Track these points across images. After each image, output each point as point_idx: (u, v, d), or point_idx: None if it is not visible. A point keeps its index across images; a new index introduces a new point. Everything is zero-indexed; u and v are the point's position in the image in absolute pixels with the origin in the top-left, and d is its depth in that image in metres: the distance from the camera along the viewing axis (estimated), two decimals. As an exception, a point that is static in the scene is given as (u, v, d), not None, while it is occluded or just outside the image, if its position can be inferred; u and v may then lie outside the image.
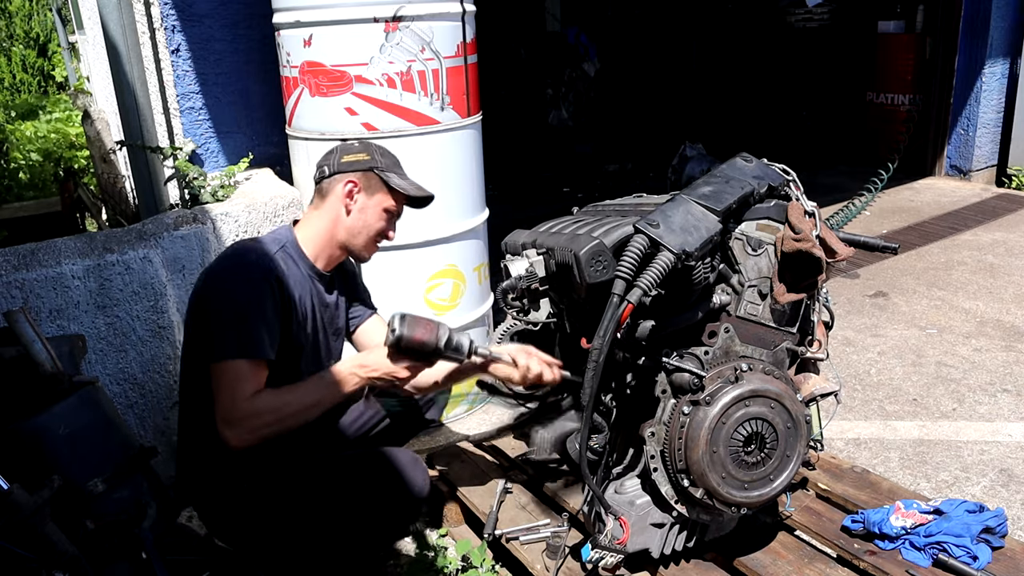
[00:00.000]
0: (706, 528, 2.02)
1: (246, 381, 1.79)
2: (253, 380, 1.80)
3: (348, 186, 1.98)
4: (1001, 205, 5.78)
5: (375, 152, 2.03)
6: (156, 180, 2.78)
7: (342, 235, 2.01)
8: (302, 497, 1.93)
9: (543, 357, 1.98)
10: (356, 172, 1.99)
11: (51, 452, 1.75)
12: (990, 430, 2.97)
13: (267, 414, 1.80)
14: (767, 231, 1.91)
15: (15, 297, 2.31)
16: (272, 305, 1.84)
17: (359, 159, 2.01)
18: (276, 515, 1.93)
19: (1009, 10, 6.03)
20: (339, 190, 1.99)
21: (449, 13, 2.68)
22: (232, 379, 1.78)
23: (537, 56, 7.92)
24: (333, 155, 2.03)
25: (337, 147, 2.06)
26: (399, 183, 2.02)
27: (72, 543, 1.58)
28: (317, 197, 2.04)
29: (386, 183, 2.01)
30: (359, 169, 2.00)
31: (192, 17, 2.96)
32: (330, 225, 2.01)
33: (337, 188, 1.99)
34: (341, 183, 1.99)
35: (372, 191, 2.01)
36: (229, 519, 1.97)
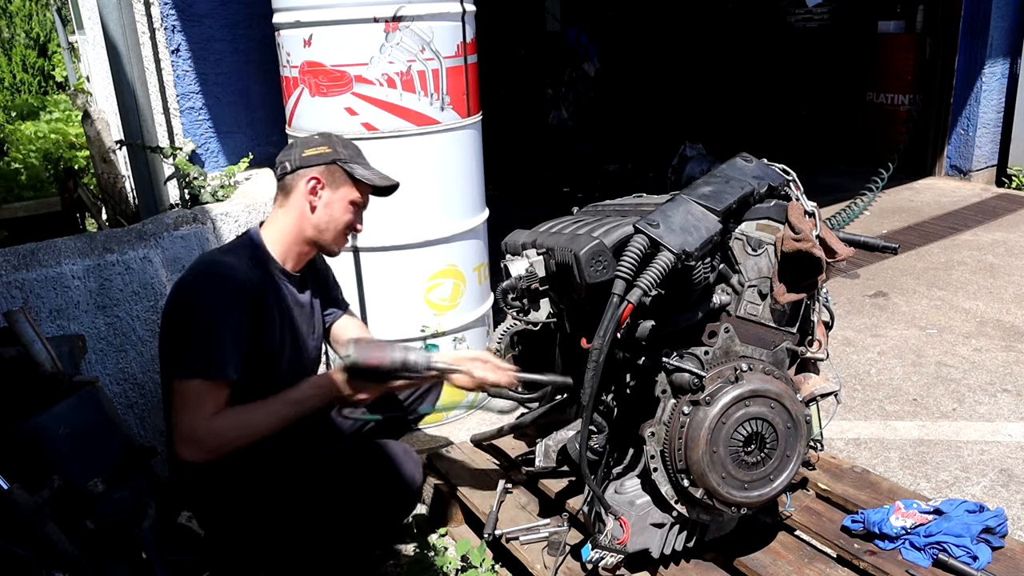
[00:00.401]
0: (706, 528, 2.02)
1: (205, 401, 1.78)
2: (212, 401, 1.78)
3: (311, 182, 1.95)
4: (1001, 205, 5.78)
5: (336, 144, 2.00)
6: (156, 180, 2.78)
7: (309, 232, 1.99)
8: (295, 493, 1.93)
9: (496, 363, 2.00)
10: (318, 166, 1.95)
11: (51, 452, 1.75)
12: (990, 430, 2.97)
13: (226, 433, 1.80)
14: (767, 231, 1.91)
15: (15, 297, 2.31)
16: (239, 319, 1.82)
17: (320, 152, 1.96)
18: (270, 512, 1.93)
19: (1009, 10, 6.03)
20: (302, 187, 1.95)
21: (449, 13, 2.68)
22: (192, 399, 1.77)
23: (537, 56, 7.92)
24: (293, 150, 1.99)
25: (296, 141, 2.02)
26: (363, 174, 1.99)
27: (72, 543, 1.58)
28: (281, 195, 2.00)
29: (350, 175, 1.97)
30: (321, 163, 1.96)
31: (192, 17, 2.96)
32: (296, 223, 1.98)
33: (300, 184, 1.95)
34: (304, 179, 1.95)
35: (336, 185, 1.97)
36: (224, 519, 1.97)
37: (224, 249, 1.99)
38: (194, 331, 1.80)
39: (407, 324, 2.87)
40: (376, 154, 2.70)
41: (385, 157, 2.71)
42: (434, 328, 2.90)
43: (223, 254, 1.94)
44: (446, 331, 2.94)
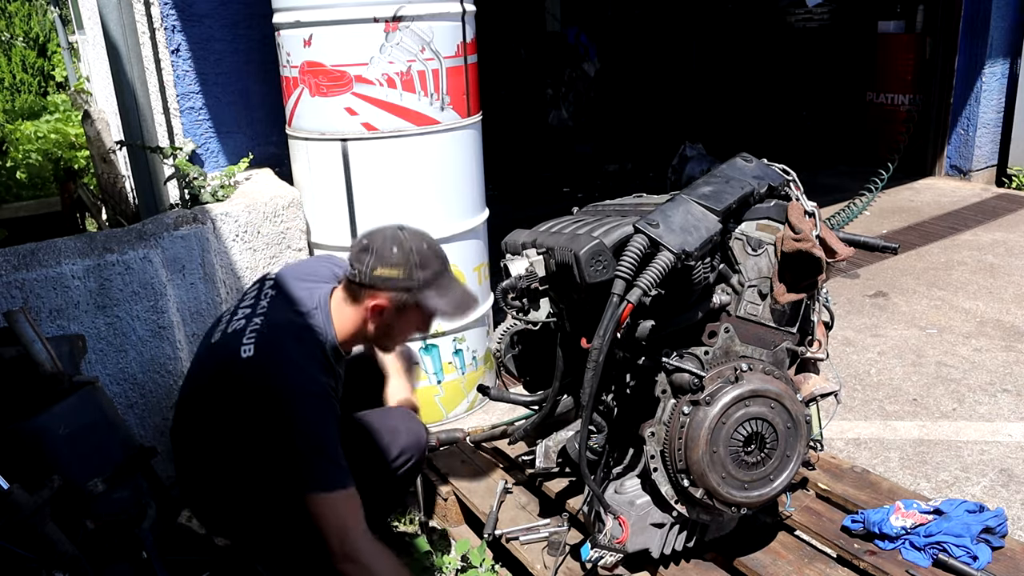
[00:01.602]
0: (706, 528, 2.02)
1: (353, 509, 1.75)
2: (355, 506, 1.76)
3: (376, 309, 1.84)
4: (1001, 205, 5.78)
5: (412, 265, 1.80)
6: (156, 180, 2.78)
7: (369, 338, 1.93)
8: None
9: None
10: (387, 292, 1.81)
11: (51, 452, 1.75)
12: (990, 430, 2.97)
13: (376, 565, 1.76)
14: (767, 231, 1.91)
15: (15, 297, 2.31)
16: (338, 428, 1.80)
17: (393, 276, 1.79)
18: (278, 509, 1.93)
19: (1009, 10, 6.03)
20: (367, 303, 1.84)
21: (449, 13, 2.68)
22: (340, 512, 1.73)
23: (537, 56, 7.92)
24: (366, 258, 1.81)
25: (373, 246, 1.82)
26: (436, 304, 1.84)
27: (72, 543, 1.59)
28: (348, 293, 1.88)
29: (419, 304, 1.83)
30: (391, 289, 1.81)
31: (192, 17, 2.96)
32: (358, 328, 1.89)
33: (366, 301, 1.84)
34: (371, 300, 1.83)
35: (404, 311, 1.84)
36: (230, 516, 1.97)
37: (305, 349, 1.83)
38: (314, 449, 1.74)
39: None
40: (376, 154, 2.71)
41: (385, 157, 2.72)
42: (434, 328, 2.90)
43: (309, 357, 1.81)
44: (446, 331, 2.94)
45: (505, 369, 2.44)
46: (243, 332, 1.86)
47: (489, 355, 3.16)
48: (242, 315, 1.93)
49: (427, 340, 2.91)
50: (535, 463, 2.27)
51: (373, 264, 1.80)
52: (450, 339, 2.97)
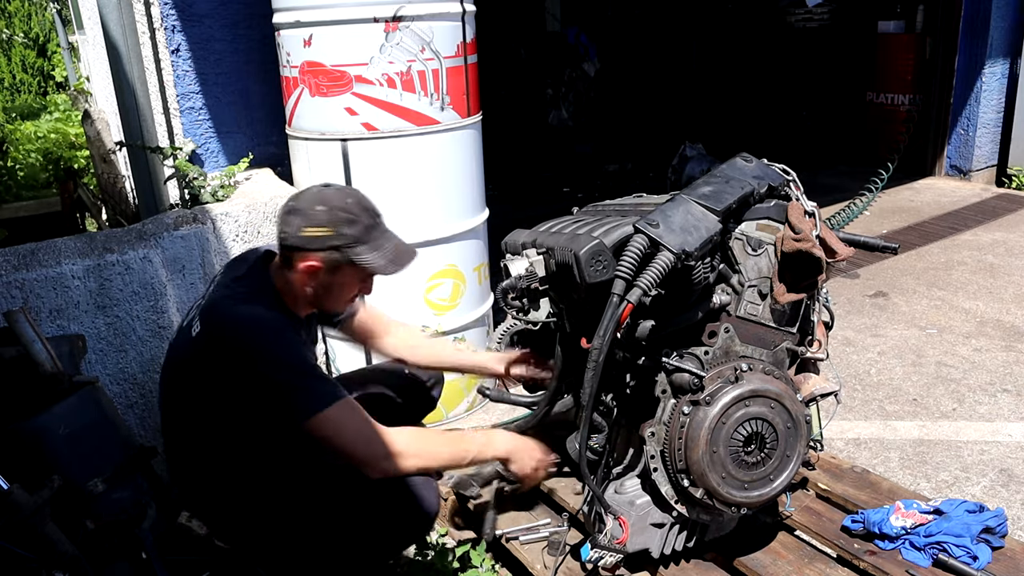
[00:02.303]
0: (706, 528, 2.02)
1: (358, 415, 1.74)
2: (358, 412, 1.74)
3: (307, 270, 1.79)
4: (1001, 205, 5.78)
5: (341, 223, 1.75)
6: (156, 180, 2.78)
7: (311, 300, 1.87)
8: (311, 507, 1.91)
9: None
10: (317, 251, 1.76)
11: (51, 452, 1.75)
12: (990, 430, 2.97)
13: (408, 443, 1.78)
14: (767, 231, 1.91)
15: (15, 297, 2.31)
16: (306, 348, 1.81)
17: (320, 235, 1.74)
18: (282, 522, 1.92)
19: (1009, 10, 6.03)
20: (299, 267, 1.79)
21: (449, 13, 2.68)
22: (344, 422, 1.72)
23: (537, 56, 7.92)
24: (292, 219, 1.76)
25: (299, 207, 1.77)
26: (367, 258, 1.78)
27: (72, 543, 1.59)
28: (281, 259, 1.85)
29: (352, 261, 1.78)
30: (319, 248, 1.75)
31: (192, 17, 2.96)
32: (299, 291, 1.84)
33: (297, 265, 1.79)
34: (300, 263, 1.78)
35: (336, 270, 1.79)
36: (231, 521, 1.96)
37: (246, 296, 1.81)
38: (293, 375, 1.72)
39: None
40: (376, 154, 2.71)
41: (385, 157, 2.72)
42: (434, 328, 2.91)
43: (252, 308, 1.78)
44: (446, 331, 2.94)
45: (505, 369, 2.43)
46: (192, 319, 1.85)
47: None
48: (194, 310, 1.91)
49: (427, 340, 2.91)
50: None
51: (299, 224, 1.75)
52: (450, 339, 2.97)
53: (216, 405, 1.82)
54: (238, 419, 1.82)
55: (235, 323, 1.75)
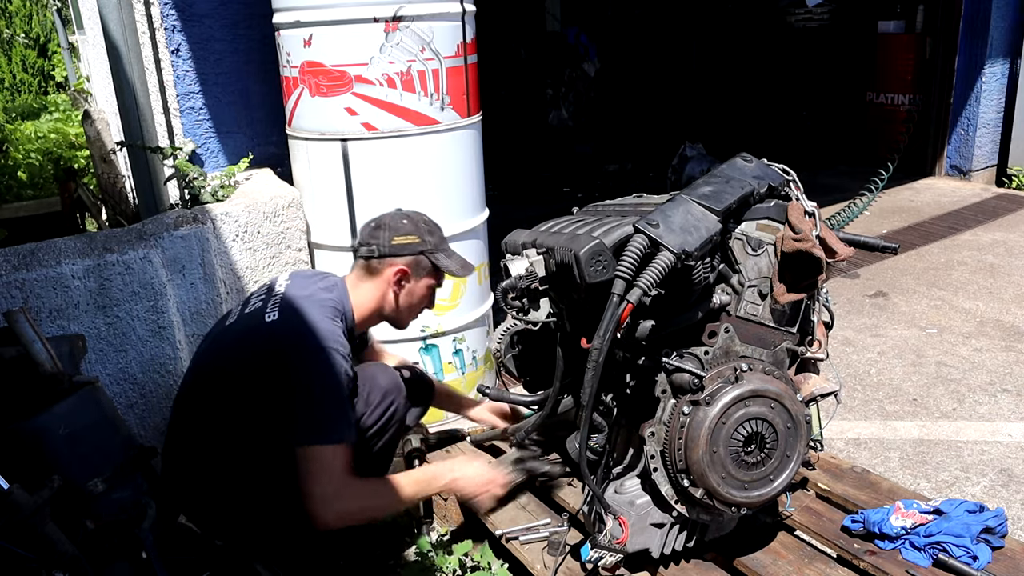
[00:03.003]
0: (706, 528, 2.02)
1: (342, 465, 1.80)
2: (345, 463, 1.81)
3: (398, 275, 2.01)
4: (1001, 205, 5.78)
5: (423, 231, 2.03)
6: (156, 180, 2.78)
7: (387, 312, 2.06)
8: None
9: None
10: (406, 257, 2.00)
11: (51, 452, 1.75)
12: (990, 430, 2.97)
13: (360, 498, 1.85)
14: (767, 231, 1.91)
15: (15, 297, 2.31)
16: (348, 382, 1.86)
17: (409, 242, 2.01)
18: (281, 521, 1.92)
19: (1009, 10, 6.03)
20: (388, 275, 2.01)
21: (449, 13, 2.68)
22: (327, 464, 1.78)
23: (537, 56, 7.92)
24: (381, 233, 2.01)
25: (384, 222, 2.03)
26: (447, 264, 2.05)
27: (72, 543, 1.59)
28: (364, 271, 2.04)
29: (435, 265, 2.04)
30: (409, 254, 2.01)
31: (192, 17, 2.96)
32: (378, 303, 2.05)
33: (386, 272, 2.01)
34: (391, 269, 2.00)
35: (420, 275, 2.04)
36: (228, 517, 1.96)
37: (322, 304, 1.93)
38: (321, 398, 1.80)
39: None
40: (376, 154, 2.71)
41: (385, 157, 2.72)
42: (434, 328, 2.91)
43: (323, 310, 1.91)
44: (446, 331, 2.94)
45: (505, 369, 2.44)
46: (264, 308, 1.93)
47: (489, 355, 3.16)
48: (256, 302, 1.99)
49: (427, 340, 2.91)
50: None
51: (389, 236, 2.00)
52: (450, 339, 2.97)
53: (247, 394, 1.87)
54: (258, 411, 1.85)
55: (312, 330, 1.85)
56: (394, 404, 2.12)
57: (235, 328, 1.99)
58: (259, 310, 1.93)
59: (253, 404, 1.86)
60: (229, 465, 1.90)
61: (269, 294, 1.99)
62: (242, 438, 1.88)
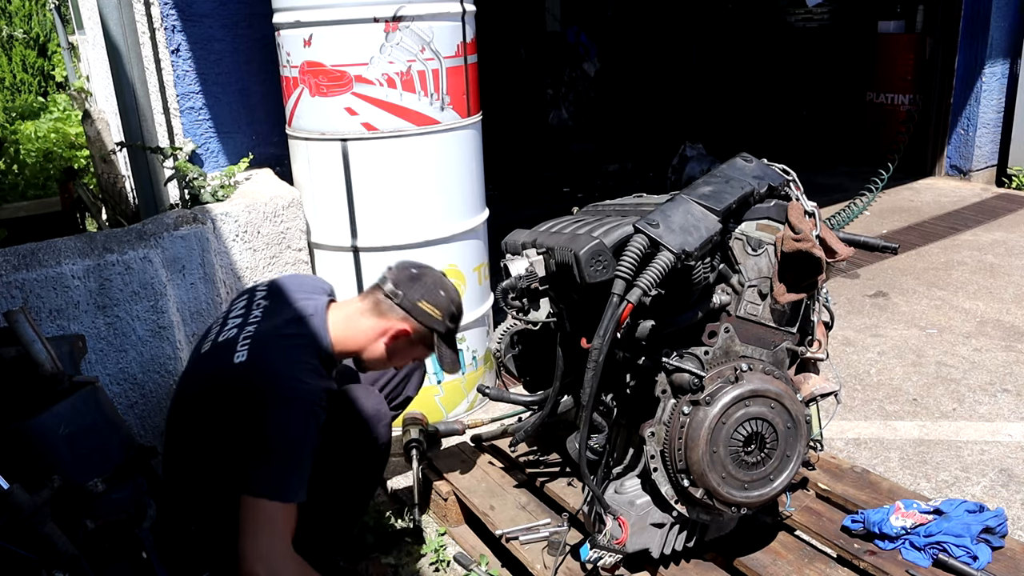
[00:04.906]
0: (706, 528, 2.02)
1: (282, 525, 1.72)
2: (288, 524, 1.73)
3: (402, 333, 1.95)
4: (1001, 205, 5.78)
5: (449, 316, 1.99)
6: (156, 180, 2.78)
7: (367, 354, 1.99)
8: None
9: None
10: (419, 323, 1.95)
11: (51, 452, 1.75)
12: (990, 430, 2.97)
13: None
14: (767, 231, 1.91)
15: (15, 297, 2.31)
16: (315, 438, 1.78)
17: (432, 315, 1.95)
18: None
19: (1009, 10, 6.03)
20: (393, 324, 1.95)
21: (449, 13, 2.68)
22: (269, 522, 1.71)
23: (537, 56, 7.92)
24: (416, 284, 1.95)
25: (425, 280, 1.97)
26: (443, 354, 2.01)
27: (72, 543, 1.58)
28: (375, 307, 1.96)
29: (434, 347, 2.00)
30: (424, 323, 1.95)
31: (192, 17, 2.96)
32: (365, 343, 1.97)
33: (393, 322, 1.95)
34: (400, 324, 1.94)
35: (417, 344, 2.00)
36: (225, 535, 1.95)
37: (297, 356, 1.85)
38: (279, 452, 1.74)
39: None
40: (376, 154, 2.71)
41: (385, 157, 2.72)
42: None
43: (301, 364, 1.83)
44: (446, 331, 2.94)
45: (505, 369, 2.44)
46: (236, 340, 1.87)
47: (489, 355, 3.16)
48: (233, 325, 1.94)
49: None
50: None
51: (421, 295, 1.95)
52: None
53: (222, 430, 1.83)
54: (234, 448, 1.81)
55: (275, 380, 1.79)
56: (375, 432, 2.06)
57: (208, 358, 1.93)
58: (231, 341, 1.87)
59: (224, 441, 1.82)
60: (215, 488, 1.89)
61: (246, 317, 1.93)
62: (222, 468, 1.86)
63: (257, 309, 1.96)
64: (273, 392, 1.77)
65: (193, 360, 2.04)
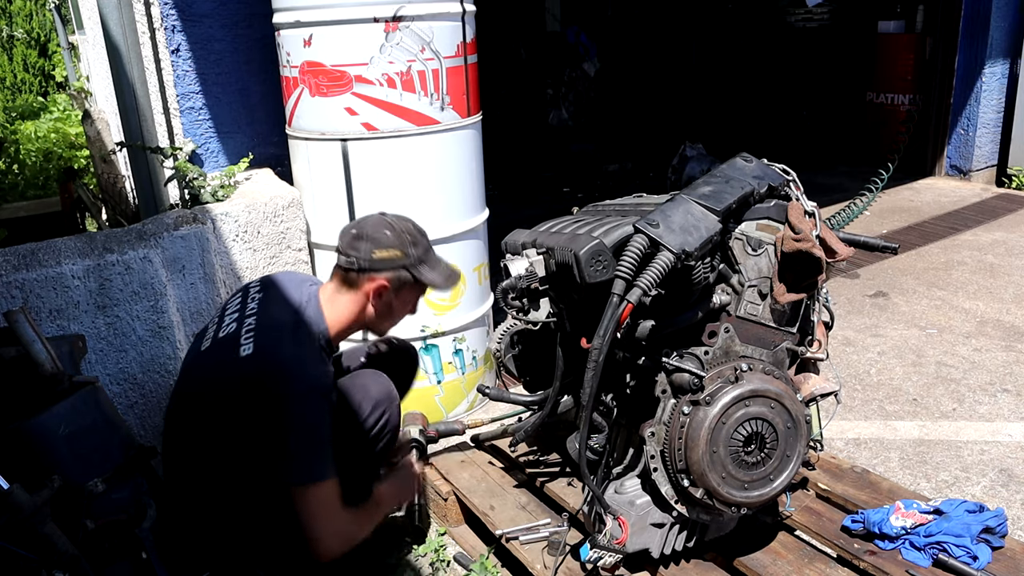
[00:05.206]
0: (706, 528, 2.02)
1: (334, 496, 1.82)
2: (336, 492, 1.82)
3: (378, 290, 1.92)
4: (1001, 205, 5.78)
5: (406, 244, 1.93)
6: (156, 180, 2.78)
7: (366, 322, 1.99)
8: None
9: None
10: (387, 272, 1.91)
11: (51, 452, 1.75)
12: (990, 430, 2.97)
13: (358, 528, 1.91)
14: (767, 231, 1.91)
15: (15, 297, 2.31)
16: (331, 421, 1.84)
17: (391, 257, 1.90)
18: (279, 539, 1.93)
19: (1009, 10, 6.03)
20: (367, 288, 1.92)
21: (449, 13, 2.68)
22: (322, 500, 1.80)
23: (537, 56, 7.92)
24: (362, 244, 1.90)
25: (365, 232, 1.92)
26: (431, 278, 1.96)
27: (72, 543, 1.59)
28: (343, 283, 1.95)
29: (416, 279, 1.95)
30: (390, 269, 1.91)
31: (192, 17, 2.96)
32: (356, 315, 1.96)
33: (365, 286, 1.92)
34: (371, 284, 1.92)
35: (401, 288, 1.95)
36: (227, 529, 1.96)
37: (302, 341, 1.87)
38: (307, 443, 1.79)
39: (407, 324, 2.86)
40: (376, 154, 2.71)
41: (385, 157, 2.72)
42: (434, 328, 2.91)
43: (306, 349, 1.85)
44: (446, 331, 2.94)
45: (505, 369, 2.44)
46: (238, 334, 1.88)
47: (489, 355, 3.16)
48: (231, 320, 1.95)
49: (427, 340, 2.91)
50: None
51: (369, 248, 1.90)
52: (450, 339, 2.97)
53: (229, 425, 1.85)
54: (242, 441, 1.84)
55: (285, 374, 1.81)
56: (386, 414, 2.09)
57: (210, 355, 1.94)
58: (232, 336, 1.88)
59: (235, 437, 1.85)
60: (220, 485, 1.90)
61: (243, 312, 1.94)
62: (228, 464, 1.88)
63: (253, 303, 1.97)
64: (288, 386, 1.79)
65: (193, 356, 2.03)
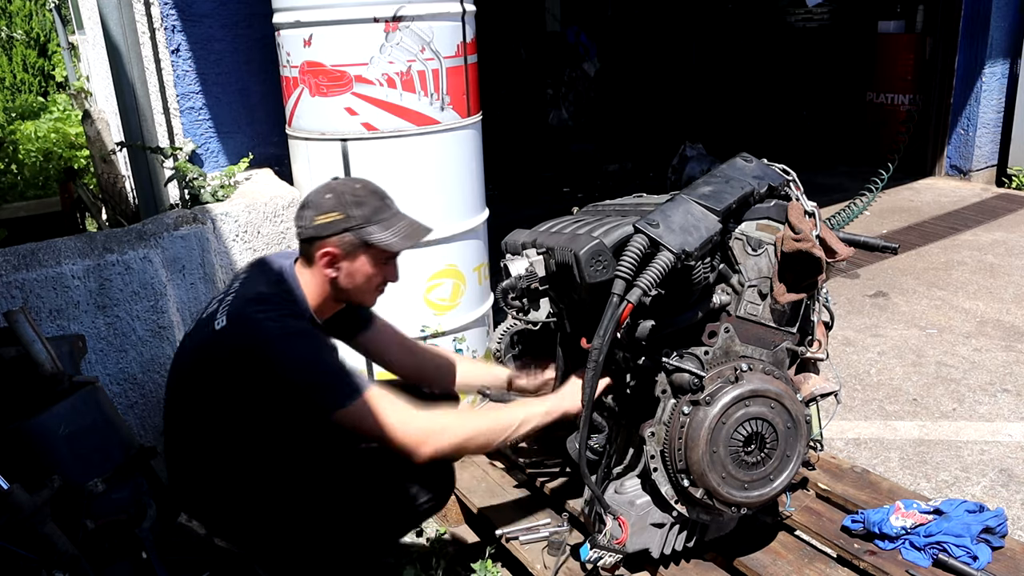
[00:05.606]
0: (706, 528, 2.02)
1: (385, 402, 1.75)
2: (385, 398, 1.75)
3: (326, 258, 1.83)
4: (1001, 205, 5.79)
5: (348, 205, 1.81)
6: (156, 180, 2.78)
7: (339, 294, 1.91)
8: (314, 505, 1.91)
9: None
10: (331, 238, 1.81)
11: (51, 452, 1.75)
12: (990, 430, 2.97)
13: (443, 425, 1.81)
14: (767, 231, 1.91)
15: (15, 297, 2.31)
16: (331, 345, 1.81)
17: (331, 220, 1.80)
18: (284, 520, 1.92)
19: (1009, 10, 6.03)
20: (317, 258, 1.84)
21: (449, 13, 2.68)
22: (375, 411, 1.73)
23: (537, 56, 7.92)
24: (306, 213, 1.84)
25: (310, 199, 1.85)
26: (382, 238, 1.83)
27: (72, 543, 1.59)
28: (303, 256, 1.89)
29: (364, 241, 1.83)
30: (333, 233, 1.80)
31: (192, 17, 2.96)
32: (323, 288, 1.89)
33: (315, 256, 1.84)
34: (318, 252, 1.83)
35: (354, 253, 1.84)
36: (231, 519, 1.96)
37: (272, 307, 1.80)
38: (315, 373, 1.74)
39: (407, 324, 2.86)
40: (376, 154, 2.71)
41: (385, 157, 2.72)
42: (434, 328, 2.91)
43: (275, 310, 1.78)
44: (446, 331, 2.94)
45: (505, 369, 2.43)
46: (215, 312, 1.85)
47: (489, 355, 3.16)
48: (215, 303, 1.93)
49: (427, 340, 2.91)
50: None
51: (311, 216, 1.82)
52: (450, 339, 2.97)
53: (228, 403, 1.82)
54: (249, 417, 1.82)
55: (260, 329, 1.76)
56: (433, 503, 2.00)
57: (191, 338, 1.93)
58: (210, 315, 1.85)
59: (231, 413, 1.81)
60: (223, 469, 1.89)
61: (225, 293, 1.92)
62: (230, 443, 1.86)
63: (236, 282, 1.94)
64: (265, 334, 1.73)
65: (180, 345, 2.02)
